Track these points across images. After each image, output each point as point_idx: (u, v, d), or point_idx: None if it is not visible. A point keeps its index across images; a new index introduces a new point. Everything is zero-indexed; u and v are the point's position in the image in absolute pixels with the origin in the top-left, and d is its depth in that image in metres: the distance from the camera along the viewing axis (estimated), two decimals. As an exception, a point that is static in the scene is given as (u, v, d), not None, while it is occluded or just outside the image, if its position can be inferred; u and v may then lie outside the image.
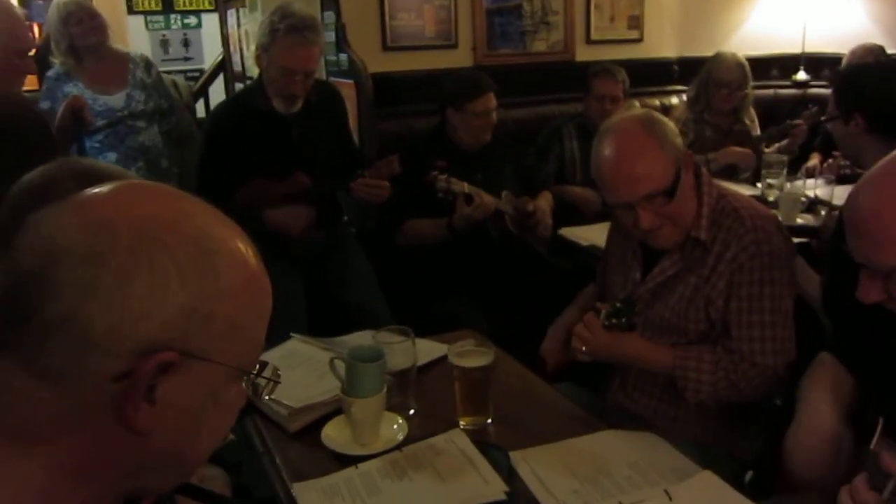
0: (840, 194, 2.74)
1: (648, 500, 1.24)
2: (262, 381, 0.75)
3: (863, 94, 1.99)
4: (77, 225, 0.63)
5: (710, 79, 3.59)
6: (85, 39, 3.00)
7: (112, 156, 3.03)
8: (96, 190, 0.67)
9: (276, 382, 0.77)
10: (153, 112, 3.16)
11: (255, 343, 0.72)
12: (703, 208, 1.64)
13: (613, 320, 1.63)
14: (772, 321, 1.59)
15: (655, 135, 1.59)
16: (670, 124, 1.65)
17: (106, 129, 3.02)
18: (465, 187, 2.66)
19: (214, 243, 0.67)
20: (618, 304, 1.66)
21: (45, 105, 2.93)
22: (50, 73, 3.08)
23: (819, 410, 1.38)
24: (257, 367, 0.74)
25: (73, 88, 2.98)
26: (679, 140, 1.63)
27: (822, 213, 2.81)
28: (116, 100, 3.07)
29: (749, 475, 1.62)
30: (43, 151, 1.26)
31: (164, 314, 0.63)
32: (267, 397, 0.77)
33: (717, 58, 3.62)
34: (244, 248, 0.70)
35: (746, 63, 3.59)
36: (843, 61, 3.60)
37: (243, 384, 0.73)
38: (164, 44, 6.61)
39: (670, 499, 1.24)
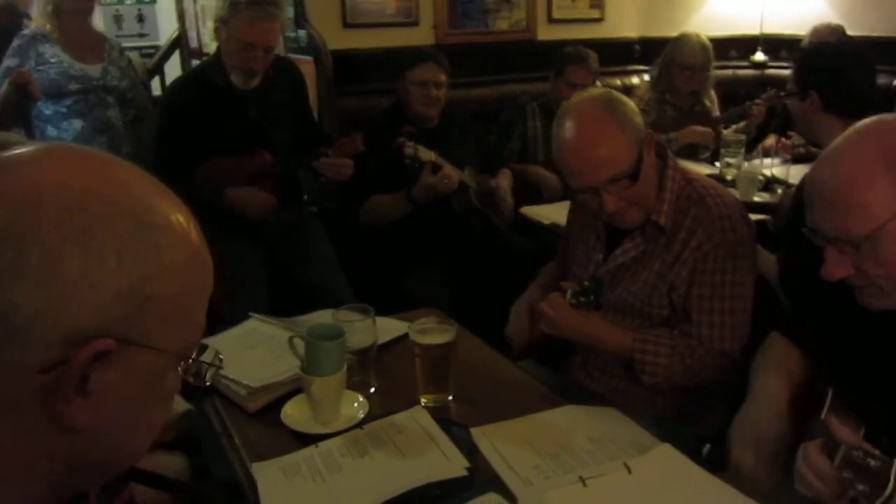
0: (795, 173, 2.79)
1: (608, 474, 1.25)
2: (203, 366, 0.70)
3: (819, 74, 2.02)
4: None
5: (673, 60, 3.62)
6: (77, 2, 2.91)
7: (77, 123, 2.94)
8: (14, 153, 0.59)
9: (219, 367, 0.72)
10: (123, 93, 3.07)
11: (197, 325, 0.66)
12: (664, 192, 1.62)
13: (581, 299, 1.63)
14: (731, 308, 1.60)
15: (616, 116, 1.55)
16: (630, 104, 1.61)
17: (78, 94, 2.93)
18: (433, 156, 2.65)
19: (154, 216, 0.61)
20: (585, 283, 1.65)
21: (12, 62, 2.84)
22: (25, 31, 2.97)
23: (767, 407, 1.36)
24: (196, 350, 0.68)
25: (49, 49, 2.88)
26: (639, 119, 1.60)
27: (780, 191, 2.86)
28: (93, 69, 2.98)
29: (706, 448, 1.64)
30: None
31: (100, 297, 0.56)
32: (209, 383, 0.73)
33: (682, 40, 3.64)
34: (185, 220, 0.64)
35: (710, 45, 3.61)
36: (805, 39, 3.63)
37: (179, 369, 0.67)
38: (118, 19, 6.40)
39: (630, 471, 1.25)
